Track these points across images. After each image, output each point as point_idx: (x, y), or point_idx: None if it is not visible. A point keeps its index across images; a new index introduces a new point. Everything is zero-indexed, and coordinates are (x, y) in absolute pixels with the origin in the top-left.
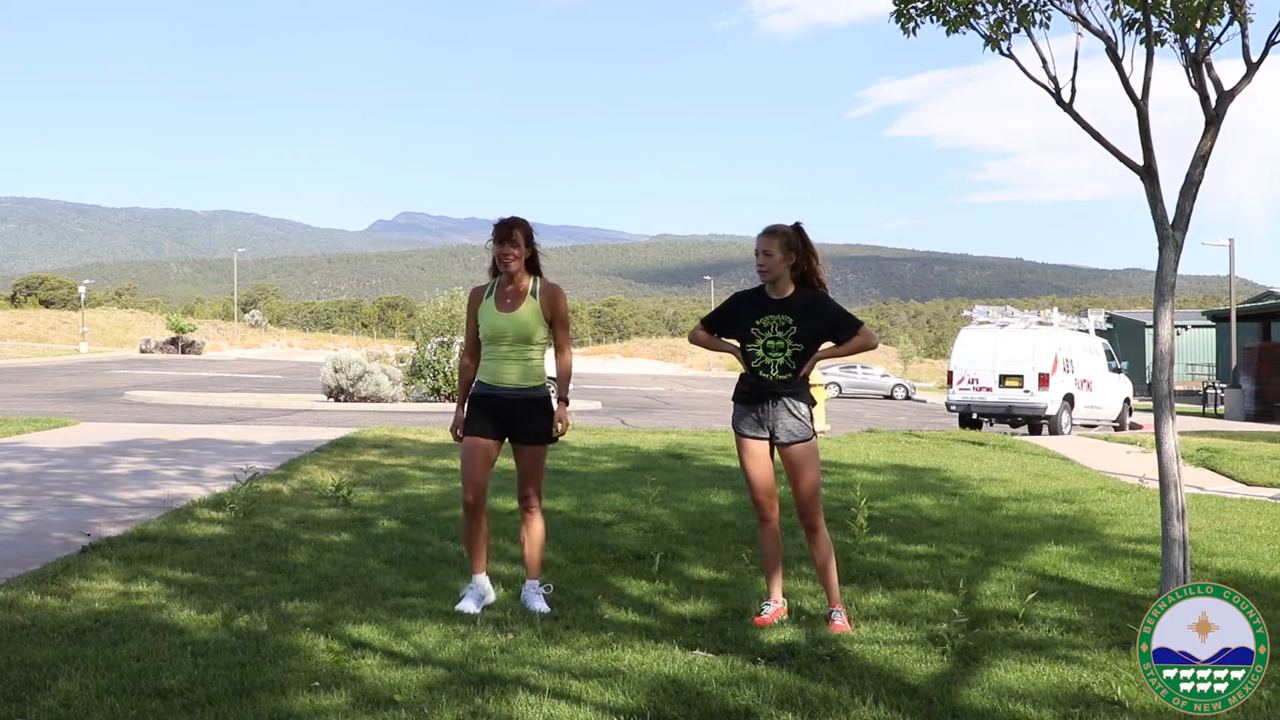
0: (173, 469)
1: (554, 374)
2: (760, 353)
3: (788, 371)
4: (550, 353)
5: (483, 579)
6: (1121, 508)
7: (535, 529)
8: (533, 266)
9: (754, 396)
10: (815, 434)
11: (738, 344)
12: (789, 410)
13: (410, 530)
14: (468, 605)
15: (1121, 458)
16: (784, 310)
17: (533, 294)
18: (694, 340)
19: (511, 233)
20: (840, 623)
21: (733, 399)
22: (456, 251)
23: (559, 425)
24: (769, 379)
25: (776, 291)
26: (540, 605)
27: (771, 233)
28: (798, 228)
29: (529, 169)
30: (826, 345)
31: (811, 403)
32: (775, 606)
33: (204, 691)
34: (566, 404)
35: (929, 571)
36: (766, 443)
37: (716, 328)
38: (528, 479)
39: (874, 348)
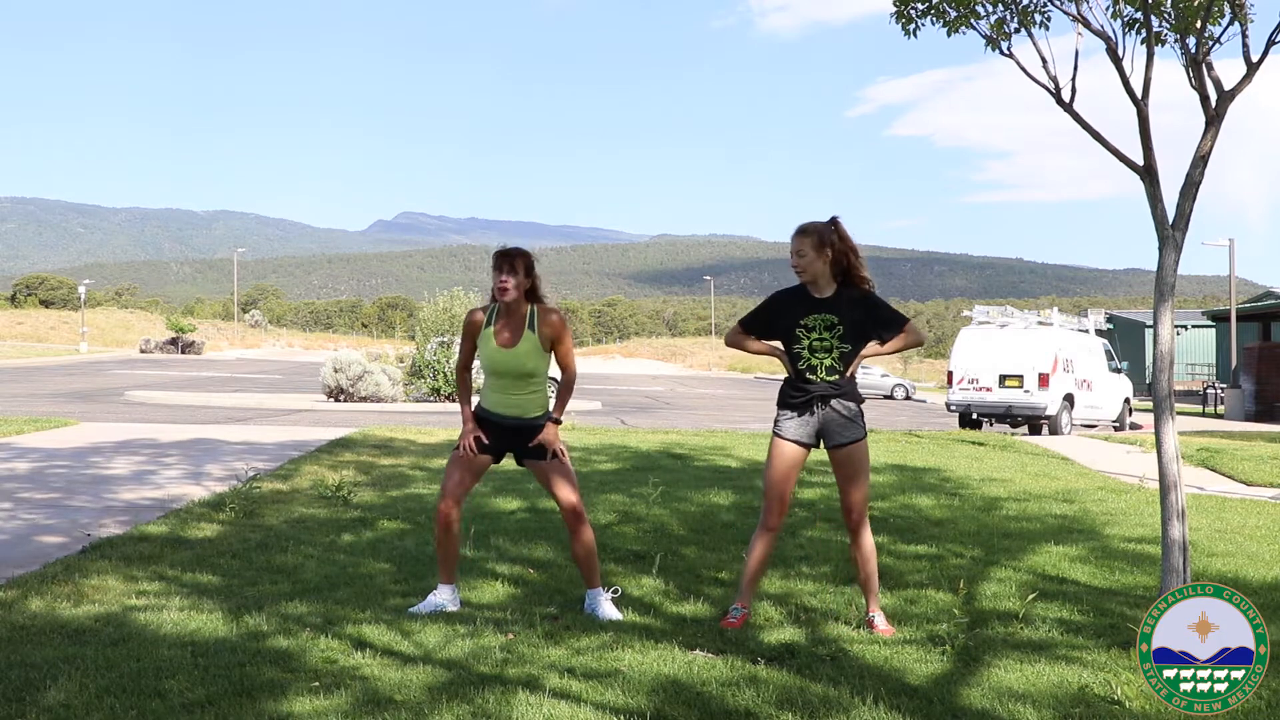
0: (173, 469)
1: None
2: (806, 354)
3: (835, 373)
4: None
5: (449, 589)
6: (1121, 508)
7: (585, 539)
8: (532, 295)
9: (804, 404)
10: (867, 433)
11: (781, 346)
12: (839, 412)
13: (410, 530)
14: (422, 609)
15: (1121, 458)
16: (828, 309)
17: (530, 326)
18: (732, 343)
19: (511, 261)
20: (883, 626)
21: (778, 404)
22: (456, 251)
23: (551, 448)
24: (816, 381)
25: (819, 290)
26: (610, 611)
27: (803, 232)
28: (834, 223)
29: (528, 169)
30: (872, 344)
31: (861, 400)
32: (743, 611)
33: (204, 691)
34: (558, 424)
35: (929, 571)
36: (802, 450)
37: (756, 329)
38: (564, 489)
39: (922, 344)
